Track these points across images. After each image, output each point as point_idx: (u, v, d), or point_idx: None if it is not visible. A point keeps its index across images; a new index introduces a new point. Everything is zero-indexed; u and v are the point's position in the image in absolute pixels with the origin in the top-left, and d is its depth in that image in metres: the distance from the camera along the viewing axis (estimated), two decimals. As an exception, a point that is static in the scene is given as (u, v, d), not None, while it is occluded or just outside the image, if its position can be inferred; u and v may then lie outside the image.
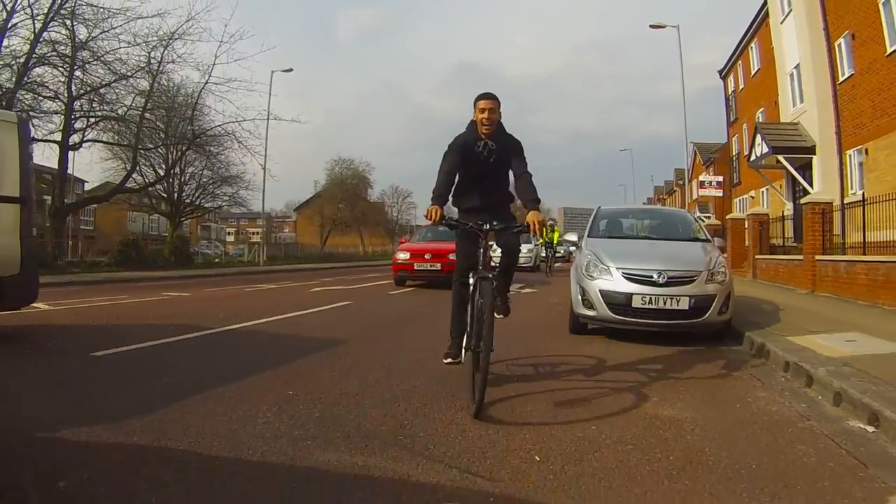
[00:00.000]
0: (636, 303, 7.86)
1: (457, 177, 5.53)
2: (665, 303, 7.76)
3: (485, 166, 5.61)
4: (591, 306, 8.26)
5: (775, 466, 3.69)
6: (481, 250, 5.16)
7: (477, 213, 5.48)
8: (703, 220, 11.95)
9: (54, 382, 5.33)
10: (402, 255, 17.57)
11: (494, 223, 5.20)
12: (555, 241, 25.91)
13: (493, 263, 5.37)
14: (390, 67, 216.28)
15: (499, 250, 5.65)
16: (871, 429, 4.39)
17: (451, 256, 14.04)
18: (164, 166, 32.60)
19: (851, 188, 18.76)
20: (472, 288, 5.16)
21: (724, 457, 3.80)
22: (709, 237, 9.81)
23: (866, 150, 17.91)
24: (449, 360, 5.51)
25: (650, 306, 7.83)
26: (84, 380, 5.49)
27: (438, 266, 16.35)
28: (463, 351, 5.28)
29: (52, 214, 27.64)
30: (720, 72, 35.28)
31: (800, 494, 3.26)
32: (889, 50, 16.37)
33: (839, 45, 19.48)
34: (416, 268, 16.90)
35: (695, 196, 44.24)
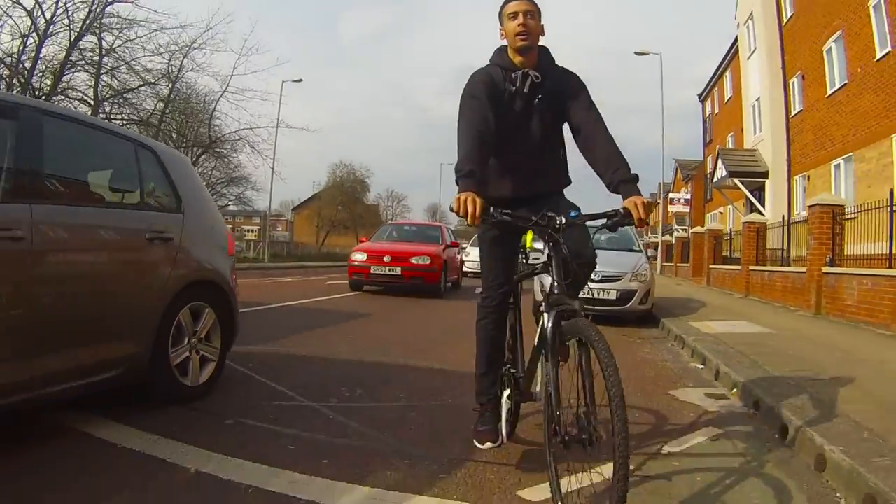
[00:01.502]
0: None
1: (494, 135, 3.29)
2: (598, 294, 10.27)
3: (524, 116, 3.47)
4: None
5: (635, 375, 6.30)
6: (555, 262, 3.03)
7: (510, 203, 3.34)
8: (641, 236, 14.20)
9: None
10: (358, 257, 14.91)
11: (572, 213, 3.06)
12: (528, 245, 22.07)
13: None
14: (393, 69, 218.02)
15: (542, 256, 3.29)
16: (700, 366, 7.03)
17: (416, 260, 14.38)
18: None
19: (796, 209, 21.32)
20: (548, 327, 2.92)
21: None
22: (642, 249, 12.54)
23: (808, 177, 20.51)
24: (488, 443, 3.48)
25: (588, 296, 10.43)
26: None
27: (398, 271, 14.28)
28: (503, 425, 3.52)
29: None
30: (699, 95, 38.04)
31: (643, 385, 5.87)
32: (829, 92, 18.97)
33: (793, 84, 22.11)
34: (372, 271, 14.51)
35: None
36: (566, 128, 3.61)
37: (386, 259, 14.55)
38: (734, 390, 5.72)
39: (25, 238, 3.27)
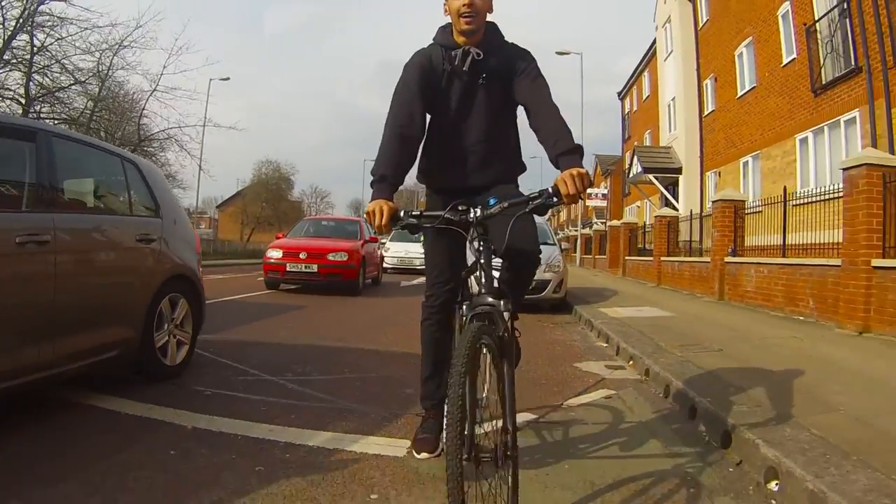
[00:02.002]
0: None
1: (424, 130, 3.22)
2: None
3: (467, 100, 3.24)
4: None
5: (546, 352, 6.86)
6: (479, 257, 2.78)
7: (460, 194, 3.03)
8: (552, 230, 14.80)
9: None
10: (274, 254, 14.15)
11: (492, 203, 2.76)
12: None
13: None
14: (315, 64, 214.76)
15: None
16: (605, 345, 7.65)
17: (332, 257, 13.84)
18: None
19: (708, 203, 22.37)
20: (466, 326, 2.70)
21: (525, 349, 7.03)
22: (556, 242, 13.19)
23: (719, 173, 21.59)
24: (425, 453, 3.36)
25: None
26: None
27: (315, 268, 13.72)
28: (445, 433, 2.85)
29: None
30: (619, 93, 39.24)
31: (552, 359, 6.40)
32: (739, 93, 20.01)
33: (706, 85, 23.17)
34: (288, 269, 13.89)
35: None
36: (521, 110, 3.32)
37: (302, 256, 13.94)
38: (630, 362, 6.41)
39: (49, 241, 3.88)
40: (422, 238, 11.31)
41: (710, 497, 3.06)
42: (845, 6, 13.64)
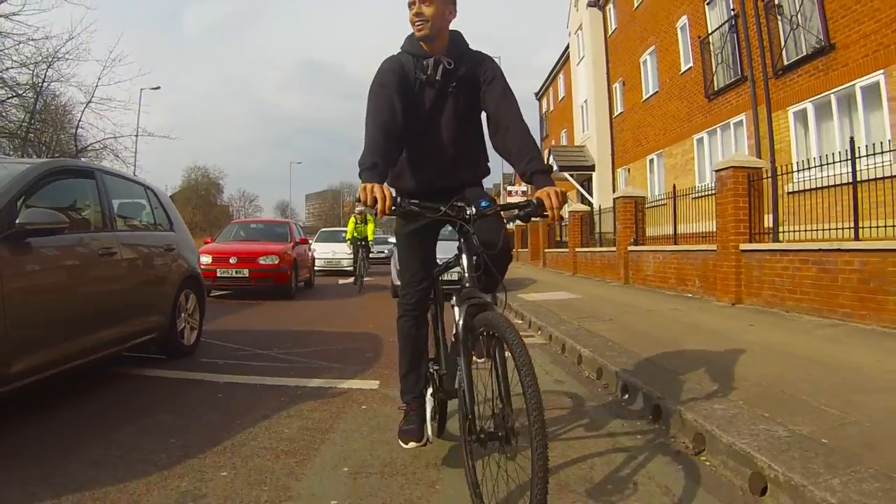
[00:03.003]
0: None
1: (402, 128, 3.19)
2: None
3: (437, 105, 3.35)
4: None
5: None
6: (465, 255, 2.95)
7: (429, 196, 3.08)
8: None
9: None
10: (204, 259, 12.62)
11: (484, 204, 2.99)
12: (370, 237, 17.57)
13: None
14: (235, 64, 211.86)
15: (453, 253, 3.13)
16: (520, 321, 9.03)
17: (263, 260, 13.49)
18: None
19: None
20: (459, 323, 2.86)
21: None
22: None
23: (629, 169, 23.38)
24: (412, 443, 3.43)
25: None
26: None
27: (246, 272, 13.29)
28: (429, 423, 3.43)
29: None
30: (536, 94, 40.95)
31: None
32: (644, 97, 21.80)
33: (616, 88, 24.97)
34: (218, 275, 13.26)
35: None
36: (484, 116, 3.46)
37: (232, 260, 13.48)
38: (539, 332, 7.85)
39: (116, 253, 5.29)
40: (346, 238, 14.82)
41: (591, 413, 4.49)
42: (733, 22, 15.40)
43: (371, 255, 20.33)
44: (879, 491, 2.50)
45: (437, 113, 3.32)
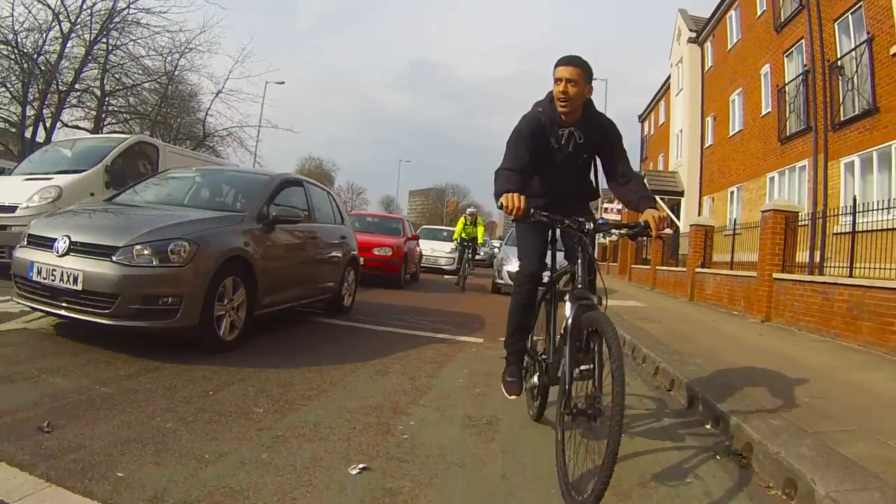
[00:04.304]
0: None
1: (527, 170, 3.98)
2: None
3: (565, 162, 4.10)
4: (502, 278, 15.50)
5: None
6: (580, 261, 3.55)
7: (549, 208, 3.78)
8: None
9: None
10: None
11: (601, 220, 3.71)
12: (479, 240, 18.21)
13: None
14: (346, 58, 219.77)
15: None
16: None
17: (377, 252, 15.27)
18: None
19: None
20: (569, 318, 3.44)
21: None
22: None
23: (713, 198, 25.54)
24: (514, 395, 4.29)
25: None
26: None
27: (361, 261, 11.90)
28: (523, 380, 4.34)
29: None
30: (639, 116, 43.12)
31: None
32: (730, 133, 23.98)
33: (708, 122, 27.11)
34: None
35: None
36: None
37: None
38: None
39: (318, 238, 8.45)
40: (454, 238, 18.05)
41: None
42: (804, 77, 17.60)
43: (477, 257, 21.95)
44: (778, 418, 5.15)
45: (563, 166, 4.11)
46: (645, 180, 28.74)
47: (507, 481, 3.44)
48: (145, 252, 5.31)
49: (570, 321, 3.40)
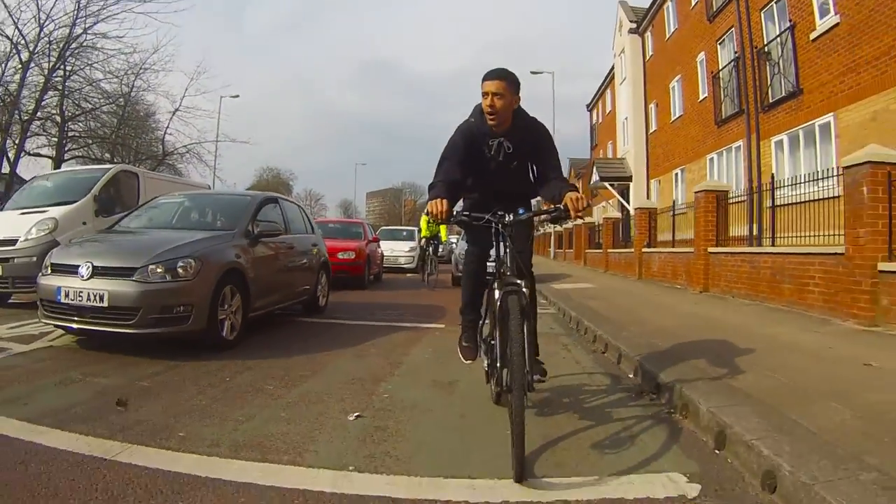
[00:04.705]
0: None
1: (463, 177, 4.32)
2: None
3: (498, 168, 4.33)
4: (461, 270, 16.23)
5: None
6: (505, 251, 3.98)
7: (485, 206, 4.14)
8: (538, 229, 17.93)
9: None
10: None
11: (521, 211, 4.12)
12: (443, 237, 18.90)
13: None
14: (297, 61, 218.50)
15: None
16: (545, 301, 12.52)
17: (342, 255, 15.76)
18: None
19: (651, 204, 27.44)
20: (497, 301, 3.76)
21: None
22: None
23: (660, 181, 26.64)
24: (469, 360, 4.51)
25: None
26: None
27: None
28: (478, 346, 4.49)
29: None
30: (587, 105, 44.31)
31: None
32: (672, 119, 25.06)
33: (651, 109, 28.22)
34: None
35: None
36: None
37: None
38: (554, 306, 11.33)
39: (295, 247, 9.39)
40: (421, 236, 17.76)
41: (570, 346, 8.05)
42: (735, 63, 18.66)
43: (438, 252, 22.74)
44: (667, 360, 6.01)
45: (497, 171, 4.31)
46: (595, 168, 29.95)
47: (465, 419, 4.46)
48: (159, 270, 6.24)
49: (497, 305, 3.73)
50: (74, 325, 6.29)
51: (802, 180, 10.57)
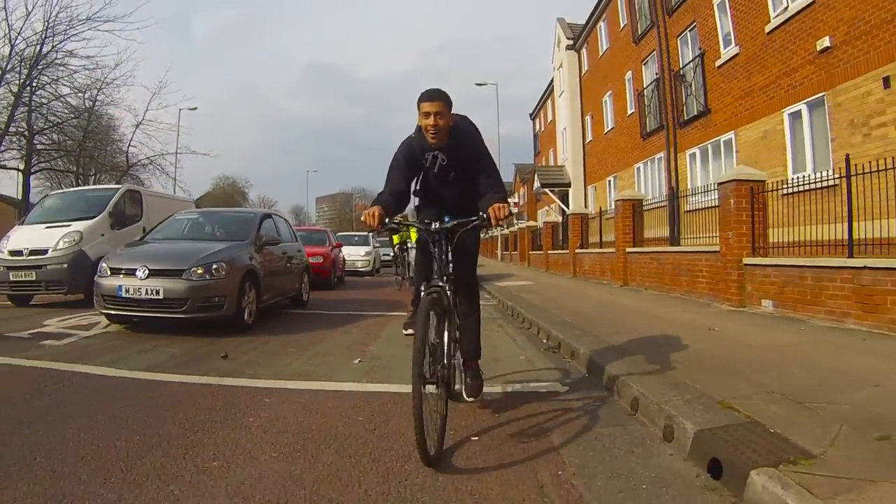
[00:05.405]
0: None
1: (409, 187, 4.60)
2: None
3: (437, 179, 4.61)
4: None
5: None
6: (439, 255, 4.21)
7: (432, 213, 4.51)
8: (486, 233, 20.43)
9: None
10: None
11: (446, 219, 4.27)
12: (399, 240, 18.88)
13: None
14: (242, 68, 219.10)
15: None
16: (489, 296, 14.60)
17: (312, 260, 15.64)
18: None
19: (589, 208, 29.71)
20: (424, 299, 4.00)
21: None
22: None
23: (595, 187, 29.00)
24: (410, 331, 4.63)
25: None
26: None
27: None
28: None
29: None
30: (531, 114, 46.75)
31: None
32: (605, 130, 27.43)
33: (586, 120, 30.60)
34: None
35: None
36: None
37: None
38: (495, 300, 13.39)
39: (286, 253, 11.46)
40: (395, 243, 19.26)
41: (507, 329, 10.15)
42: (656, 84, 21.00)
43: (383, 258, 26.65)
44: (581, 334, 8.10)
45: (437, 181, 4.62)
46: (536, 175, 32.17)
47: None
48: (200, 271, 8.24)
49: (421, 301, 4.03)
50: (134, 314, 8.19)
51: (692, 193, 12.86)
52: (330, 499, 3.04)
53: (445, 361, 3.97)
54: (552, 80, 37.24)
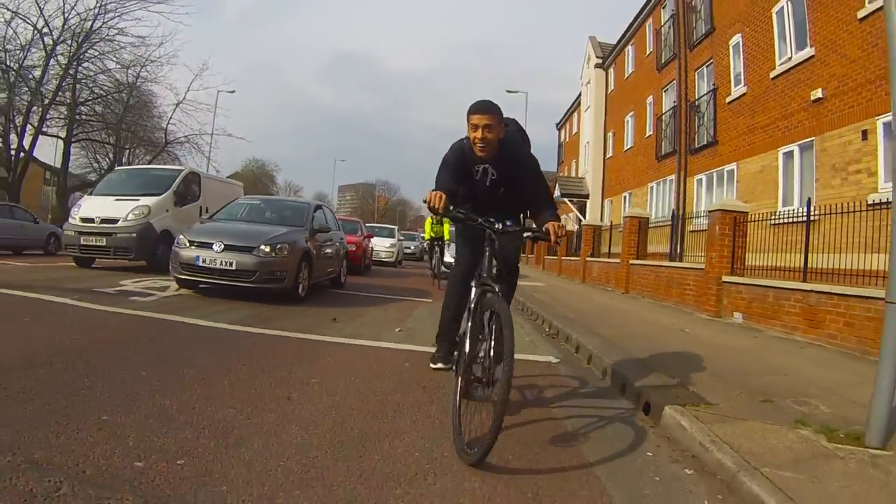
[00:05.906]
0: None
1: (457, 189, 4.45)
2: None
3: (486, 190, 4.57)
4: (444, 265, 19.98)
5: None
6: (487, 254, 4.16)
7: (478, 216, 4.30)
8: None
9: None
10: None
11: (508, 223, 4.29)
12: (446, 237, 18.51)
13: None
14: (271, 50, 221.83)
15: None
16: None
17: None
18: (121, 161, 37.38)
19: (604, 220, 31.33)
20: (473, 299, 4.11)
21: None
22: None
23: (611, 201, 30.65)
24: (440, 364, 4.96)
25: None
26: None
27: None
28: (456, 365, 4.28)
29: (59, 195, 34.93)
30: (557, 124, 48.37)
31: None
32: (625, 148, 29.06)
33: (608, 137, 32.23)
34: None
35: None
36: None
37: None
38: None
39: (332, 240, 13.31)
40: (425, 238, 20.80)
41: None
42: (672, 111, 22.64)
43: (406, 251, 28.52)
44: (578, 327, 9.85)
45: (485, 193, 4.62)
46: (557, 184, 33.85)
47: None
48: (266, 249, 9.92)
49: (472, 303, 4.08)
50: (208, 280, 9.87)
51: (696, 216, 14.52)
52: (395, 401, 4.73)
53: (493, 359, 3.74)
54: (579, 95, 38.86)
